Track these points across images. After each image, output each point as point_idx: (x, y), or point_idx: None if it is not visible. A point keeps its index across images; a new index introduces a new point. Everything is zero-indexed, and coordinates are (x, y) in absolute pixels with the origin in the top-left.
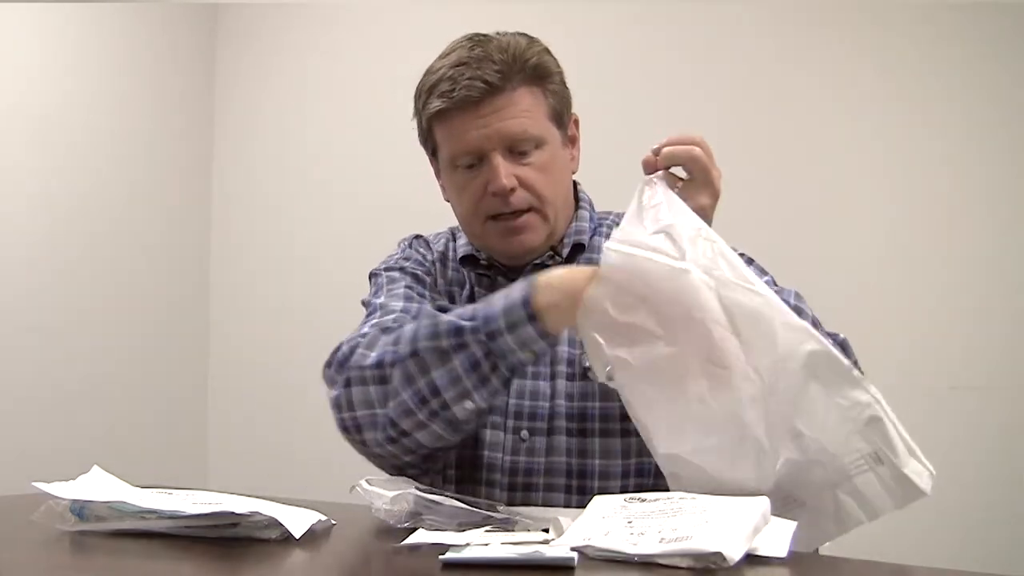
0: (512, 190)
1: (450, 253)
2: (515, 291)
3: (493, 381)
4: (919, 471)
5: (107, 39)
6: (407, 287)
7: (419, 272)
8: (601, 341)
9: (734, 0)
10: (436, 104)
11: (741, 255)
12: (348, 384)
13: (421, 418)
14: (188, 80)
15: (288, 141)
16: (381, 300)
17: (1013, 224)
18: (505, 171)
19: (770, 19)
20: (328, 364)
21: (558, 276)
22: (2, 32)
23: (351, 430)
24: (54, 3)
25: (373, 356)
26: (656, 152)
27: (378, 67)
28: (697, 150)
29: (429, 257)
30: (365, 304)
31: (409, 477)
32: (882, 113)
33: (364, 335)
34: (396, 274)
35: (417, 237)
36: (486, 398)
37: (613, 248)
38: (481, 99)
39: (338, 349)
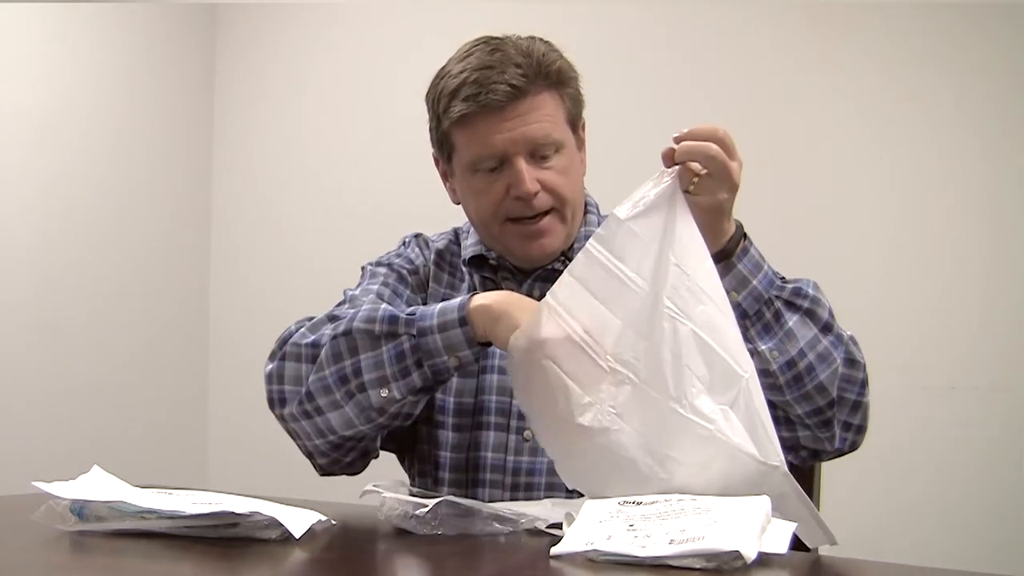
0: (535, 193)
1: (448, 255)
2: (457, 297)
3: (414, 377)
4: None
5: (107, 39)
6: (383, 284)
7: (404, 271)
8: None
9: (736, 0)
10: (461, 108)
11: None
12: (283, 359)
13: (337, 396)
14: (188, 80)
15: (288, 141)
16: (354, 293)
17: (1014, 224)
18: (529, 175)
19: (772, 19)
20: (275, 342)
21: (502, 292)
22: (2, 32)
23: (275, 403)
24: (54, 3)
25: (311, 336)
26: (677, 141)
27: (378, 67)
28: (714, 148)
29: (422, 258)
30: (344, 294)
31: (324, 468)
32: (883, 113)
33: (311, 318)
34: (381, 269)
35: (417, 236)
36: (403, 392)
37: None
38: (507, 103)
39: (286, 329)
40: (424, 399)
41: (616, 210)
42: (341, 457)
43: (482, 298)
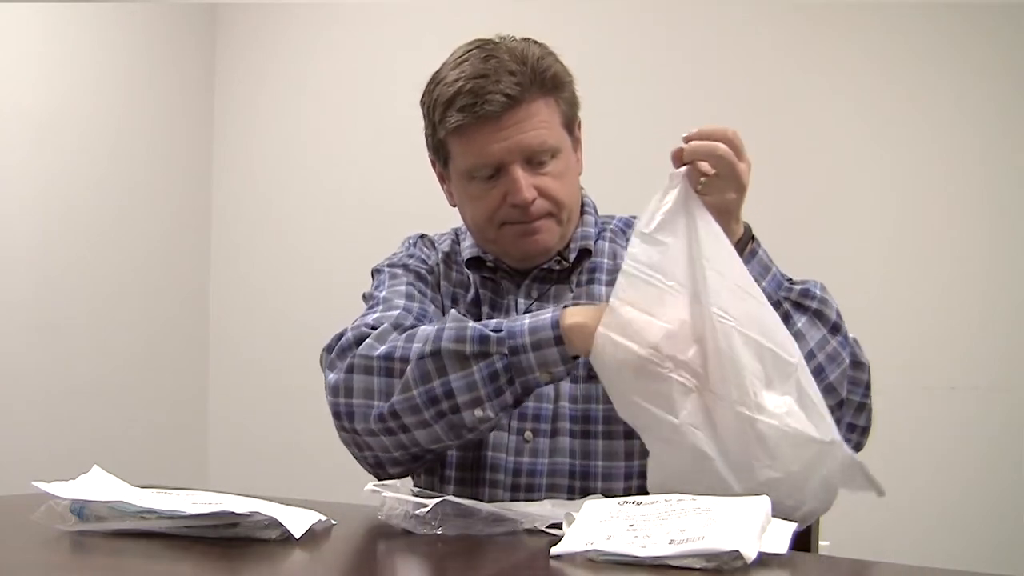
0: (532, 201)
1: (454, 255)
2: (544, 312)
3: (507, 395)
4: None
5: (107, 39)
6: (409, 284)
7: (422, 271)
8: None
9: (736, 0)
10: (456, 119)
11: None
12: (350, 371)
13: (426, 416)
14: (188, 80)
15: (288, 141)
16: (383, 294)
17: (1014, 224)
18: (526, 183)
19: (772, 19)
20: (328, 349)
21: (590, 308)
22: (2, 32)
23: (343, 416)
24: (54, 3)
25: (382, 348)
26: (686, 140)
27: (377, 67)
28: (722, 147)
29: (433, 257)
30: (366, 298)
31: (391, 475)
32: (883, 113)
33: (372, 326)
34: (399, 271)
35: (422, 236)
36: (496, 410)
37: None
38: (502, 113)
39: (341, 335)
40: (509, 413)
41: (638, 224)
42: (417, 467)
43: (575, 315)
